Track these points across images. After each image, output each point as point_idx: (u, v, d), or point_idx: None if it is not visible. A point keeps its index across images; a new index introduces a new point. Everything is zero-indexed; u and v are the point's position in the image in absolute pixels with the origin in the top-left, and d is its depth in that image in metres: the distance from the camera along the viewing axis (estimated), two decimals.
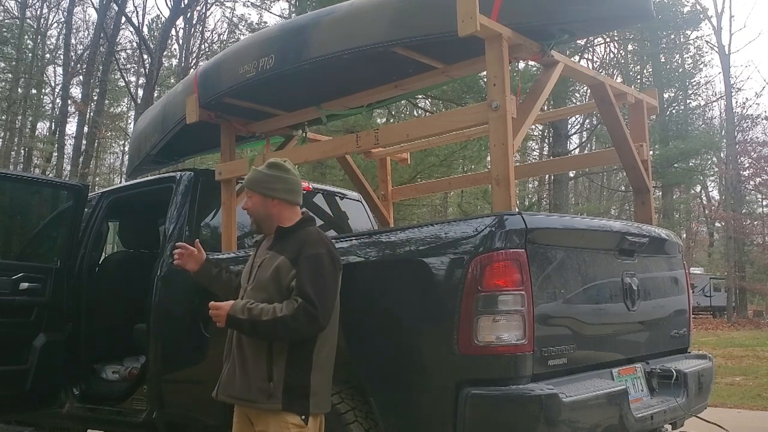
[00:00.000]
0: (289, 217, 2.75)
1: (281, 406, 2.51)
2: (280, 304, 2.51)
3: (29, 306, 4.22)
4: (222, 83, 3.84)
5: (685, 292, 3.77)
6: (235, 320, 2.54)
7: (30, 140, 31.61)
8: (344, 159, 4.91)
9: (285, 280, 2.57)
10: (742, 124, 30.38)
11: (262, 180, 2.74)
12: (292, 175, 2.77)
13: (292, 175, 2.77)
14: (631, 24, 9.93)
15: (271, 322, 2.48)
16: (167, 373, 3.79)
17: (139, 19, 30.31)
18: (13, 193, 4.61)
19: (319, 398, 2.58)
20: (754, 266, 29.06)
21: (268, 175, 2.73)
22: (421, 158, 13.38)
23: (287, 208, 2.75)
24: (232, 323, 2.56)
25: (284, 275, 2.57)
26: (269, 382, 2.52)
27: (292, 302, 2.50)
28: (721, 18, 27.97)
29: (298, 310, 2.47)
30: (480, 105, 3.05)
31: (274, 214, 2.73)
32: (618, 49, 26.64)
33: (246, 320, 2.52)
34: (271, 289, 2.59)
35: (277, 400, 2.51)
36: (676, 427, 3.40)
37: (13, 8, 30.34)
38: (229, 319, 2.55)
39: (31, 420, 4.79)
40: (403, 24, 3.10)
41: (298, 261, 2.56)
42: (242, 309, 2.53)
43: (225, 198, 4.07)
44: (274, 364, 2.53)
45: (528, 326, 2.58)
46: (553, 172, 14.14)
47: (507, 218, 2.66)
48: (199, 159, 15.13)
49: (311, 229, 2.75)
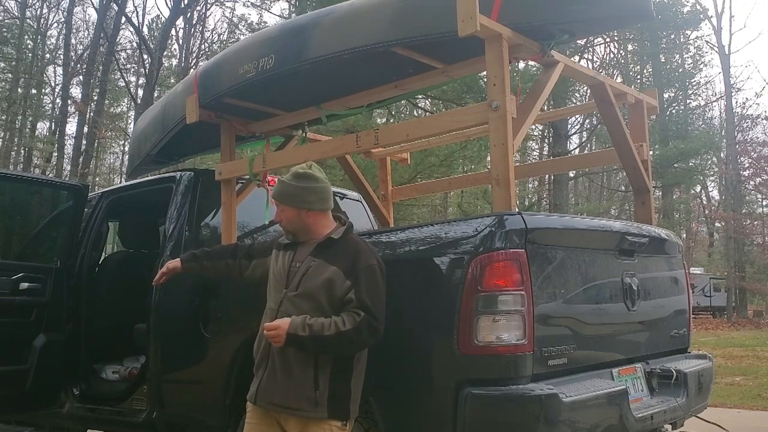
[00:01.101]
0: (325, 224, 2.70)
1: (327, 414, 2.50)
2: (340, 318, 2.47)
3: (29, 306, 4.22)
4: (222, 83, 3.84)
5: (685, 292, 3.77)
6: (296, 338, 2.46)
7: (30, 140, 31.61)
8: (344, 159, 4.91)
9: (339, 291, 2.52)
10: (742, 124, 30.38)
11: (293, 193, 2.66)
12: (322, 183, 2.69)
13: (322, 182, 2.69)
14: (631, 24, 9.94)
15: (335, 336, 2.44)
16: (167, 373, 3.78)
17: (139, 19, 30.34)
18: (13, 193, 4.62)
19: (356, 405, 2.59)
20: (754, 266, 29.06)
21: (300, 188, 2.65)
22: (421, 158, 13.38)
23: (322, 215, 2.69)
24: (292, 341, 2.47)
25: (338, 286, 2.52)
26: (315, 391, 2.50)
27: (353, 315, 2.46)
28: (721, 18, 28.02)
29: (362, 324, 2.45)
30: (480, 105, 3.05)
31: (311, 224, 2.68)
32: (618, 49, 26.62)
33: (308, 337, 2.45)
34: (322, 299, 2.54)
35: (323, 409, 2.49)
36: (676, 427, 3.41)
37: (13, 8, 30.39)
38: (289, 338, 2.46)
39: (31, 420, 4.79)
40: (403, 24, 3.10)
41: (354, 272, 2.52)
42: (303, 326, 2.46)
43: (225, 198, 4.07)
44: (320, 372, 2.51)
45: (528, 326, 2.58)
46: (553, 172, 14.14)
47: (507, 218, 2.66)
48: (199, 159, 15.14)
49: (357, 237, 2.72)
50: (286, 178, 2.72)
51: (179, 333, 3.78)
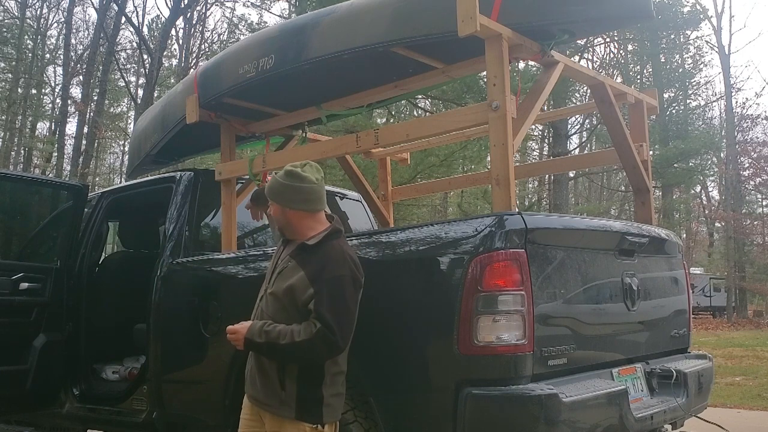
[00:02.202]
0: (311, 225, 2.66)
1: (294, 414, 2.51)
2: (299, 327, 2.47)
3: (29, 306, 4.22)
4: (222, 83, 3.84)
5: (685, 292, 3.77)
6: (252, 344, 2.54)
7: (30, 140, 31.63)
8: (344, 159, 4.91)
9: (301, 297, 2.51)
10: (742, 124, 30.39)
11: (279, 190, 2.65)
12: (309, 184, 2.63)
13: (309, 183, 2.63)
14: (631, 24, 9.93)
15: (288, 346, 2.45)
16: (167, 373, 3.78)
17: (139, 19, 30.40)
18: (13, 193, 4.62)
19: (332, 408, 2.58)
20: (754, 266, 29.05)
21: (284, 186, 2.63)
22: (421, 158, 13.37)
23: (307, 216, 2.66)
24: (249, 346, 2.57)
25: (300, 292, 2.51)
26: (282, 391, 2.53)
27: (311, 326, 2.45)
28: (721, 18, 28.06)
29: (317, 336, 2.42)
30: (480, 105, 3.05)
31: (294, 223, 2.67)
32: (618, 49, 26.64)
33: (264, 344, 2.51)
34: (285, 302, 2.55)
35: (291, 409, 2.51)
36: (676, 427, 3.40)
37: (13, 8, 30.42)
38: (246, 343, 2.55)
39: (31, 420, 4.79)
40: (403, 24, 3.09)
41: (317, 281, 2.48)
42: (259, 332, 2.50)
43: (225, 198, 4.07)
44: (286, 375, 2.53)
45: (528, 326, 2.58)
46: (553, 172, 14.12)
47: (507, 218, 2.66)
48: (199, 159, 15.15)
49: (335, 243, 2.61)
50: (278, 174, 2.73)
51: (179, 333, 3.78)
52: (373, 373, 2.84)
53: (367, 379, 2.84)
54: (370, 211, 5.14)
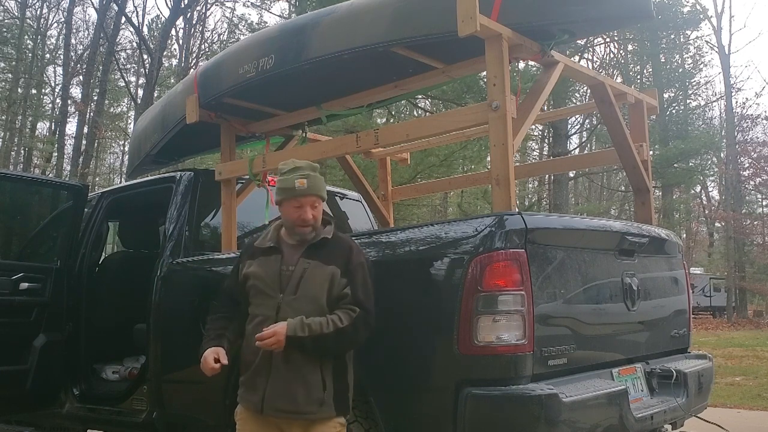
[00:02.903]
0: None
1: (334, 412, 2.54)
2: (336, 315, 2.50)
3: (29, 306, 4.22)
4: (222, 83, 3.84)
5: (685, 292, 3.77)
6: (296, 339, 2.46)
7: (30, 140, 31.62)
8: (344, 159, 4.91)
9: (339, 291, 2.55)
10: (742, 124, 30.38)
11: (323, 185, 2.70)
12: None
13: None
14: (631, 24, 9.93)
15: (334, 334, 2.47)
16: (167, 373, 3.78)
17: (139, 19, 30.38)
18: (13, 193, 4.61)
19: (351, 395, 2.65)
20: (754, 266, 29.04)
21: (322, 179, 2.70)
22: (421, 158, 13.38)
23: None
24: (293, 343, 2.47)
25: (338, 287, 2.55)
26: (324, 392, 2.52)
27: (349, 312, 2.50)
28: (721, 18, 28.03)
29: (358, 320, 2.50)
30: (480, 105, 3.05)
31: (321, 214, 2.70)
32: (618, 49, 26.63)
33: (308, 337, 2.46)
34: (323, 301, 2.55)
35: (330, 407, 2.53)
36: (676, 427, 3.40)
37: (13, 8, 30.40)
38: (289, 341, 2.46)
39: (31, 420, 4.79)
40: (403, 24, 3.10)
41: (349, 270, 2.57)
42: (301, 327, 2.47)
43: (225, 198, 4.07)
44: (325, 372, 2.54)
45: (528, 326, 2.58)
46: (553, 172, 14.13)
47: (507, 218, 2.66)
48: (199, 159, 15.15)
49: (344, 234, 2.77)
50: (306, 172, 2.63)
51: (179, 333, 3.78)
52: (373, 372, 2.84)
53: (367, 379, 2.84)
54: (370, 211, 5.14)
